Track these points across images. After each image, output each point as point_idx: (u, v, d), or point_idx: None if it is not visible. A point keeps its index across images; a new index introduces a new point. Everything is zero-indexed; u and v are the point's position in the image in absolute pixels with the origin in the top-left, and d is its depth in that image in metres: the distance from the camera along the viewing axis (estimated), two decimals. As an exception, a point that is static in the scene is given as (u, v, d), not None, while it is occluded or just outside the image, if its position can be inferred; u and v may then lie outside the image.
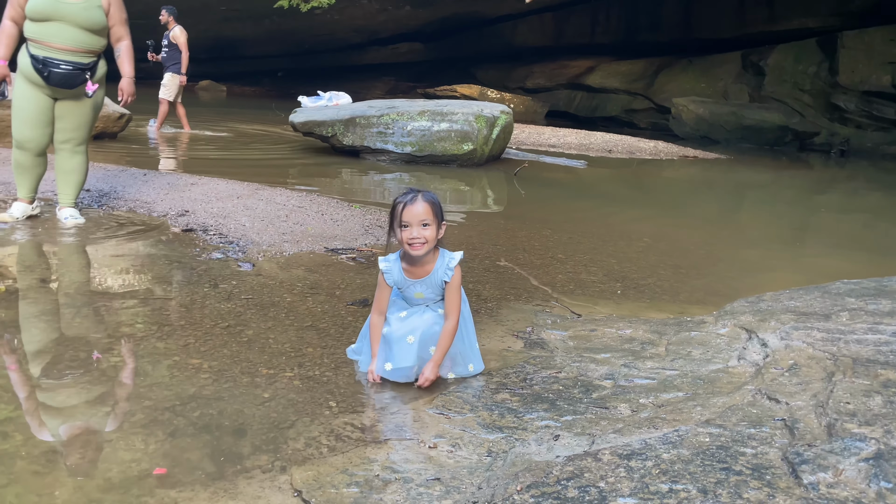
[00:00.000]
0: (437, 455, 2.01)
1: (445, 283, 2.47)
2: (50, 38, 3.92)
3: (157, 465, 1.88)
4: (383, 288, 2.53)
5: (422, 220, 2.39)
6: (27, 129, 4.07)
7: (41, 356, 2.51)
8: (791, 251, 5.55)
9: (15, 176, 4.23)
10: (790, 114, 16.42)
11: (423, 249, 2.41)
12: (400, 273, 2.50)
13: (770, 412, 1.92)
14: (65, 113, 4.14)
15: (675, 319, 3.19)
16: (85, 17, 3.97)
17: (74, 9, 3.94)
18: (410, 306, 2.55)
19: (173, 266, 3.64)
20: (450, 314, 2.48)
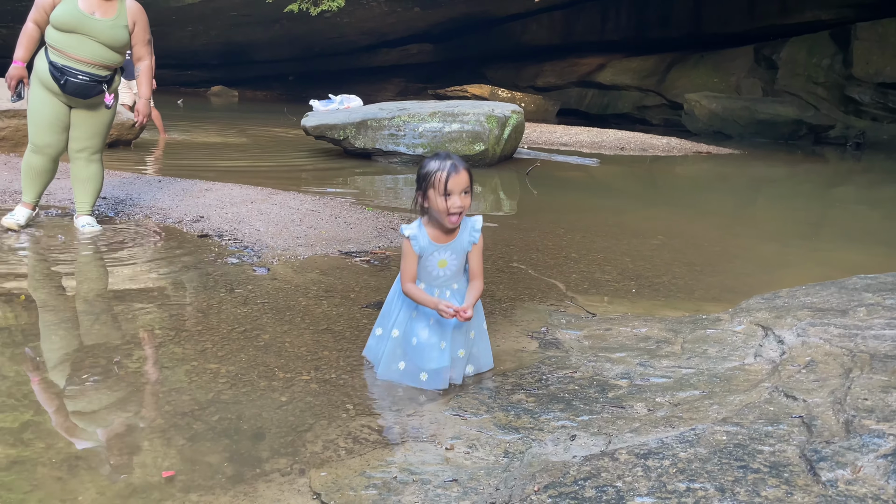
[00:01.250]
0: (455, 456, 2.02)
1: (473, 245, 2.47)
2: (71, 49, 3.95)
3: (177, 470, 1.90)
4: (410, 257, 2.46)
5: (464, 189, 2.37)
6: (44, 133, 4.13)
7: (61, 363, 2.55)
8: (807, 246, 5.51)
9: (24, 180, 4.26)
10: (804, 107, 16.28)
11: (460, 220, 2.41)
12: (426, 239, 2.46)
13: (787, 409, 1.91)
14: (80, 122, 4.18)
15: (690, 317, 3.18)
16: (109, 35, 4.02)
17: (101, 25, 3.98)
18: (428, 284, 2.50)
19: (189, 271, 3.67)
20: (476, 276, 2.50)
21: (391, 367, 2.54)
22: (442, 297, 2.48)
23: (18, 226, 4.19)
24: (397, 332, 2.53)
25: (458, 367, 2.53)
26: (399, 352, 2.53)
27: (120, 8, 4.07)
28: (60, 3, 3.95)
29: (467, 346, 2.53)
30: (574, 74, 21.32)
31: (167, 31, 17.21)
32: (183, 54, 19.55)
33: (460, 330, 2.48)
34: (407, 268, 2.48)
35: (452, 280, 2.51)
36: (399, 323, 2.54)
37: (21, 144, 7.02)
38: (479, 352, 2.60)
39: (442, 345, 2.47)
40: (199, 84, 22.26)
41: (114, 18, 4.04)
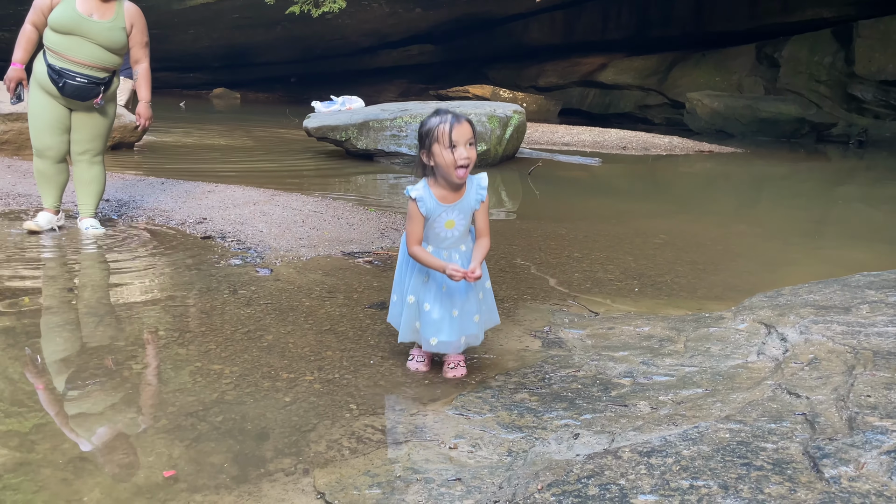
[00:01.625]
0: (458, 455, 2.02)
1: (481, 202, 2.45)
2: (69, 51, 3.97)
3: (182, 471, 1.91)
4: (416, 219, 2.43)
5: (468, 140, 2.35)
6: (46, 136, 4.14)
7: (65, 364, 2.56)
8: (810, 244, 5.51)
9: (38, 186, 4.30)
10: (807, 105, 16.25)
11: (468, 173, 2.38)
12: (433, 200, 2.43)
13: (790, 407, 1.91)
14: (80, 125, 4.20)
15: (693, 316, 3.18)
16: (107, 37, 4.03)
17: (98, 27, 3.99)
18: (436, 247, 2.48)
19: (193, 273, 3.68)
20: (483, 234, 2.49)
21: (409, 329, 2.55)
22: (451, 260, 2.45)
23: (39, 227, 4.21)
24: (412, 299, 2.52)
25: (472, 330, 2.53)
26: (414, 316, 2.54)
27: (118, 10, 4.08)
28: (58, 5, 3.96)
29: (480, 309, 2.54)
30: (576, 74, 21.32)
31: (169, 34, 17.24)
32: (185, 57, 19.59)
33: (472, 292, 2.49)
34: (413, 230, 2.45)
35: (460, 241, 2.49)
36: (413, 289, 2.52)
37: (24, 147, 7.04)
38: (487, 309, 2.60)
39: (454, 313, 2.48)
40: (201, 86, 22.29)
41: (112, 20, 4.04)
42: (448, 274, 2.38)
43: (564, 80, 21.51)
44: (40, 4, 3.98)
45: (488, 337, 3.00)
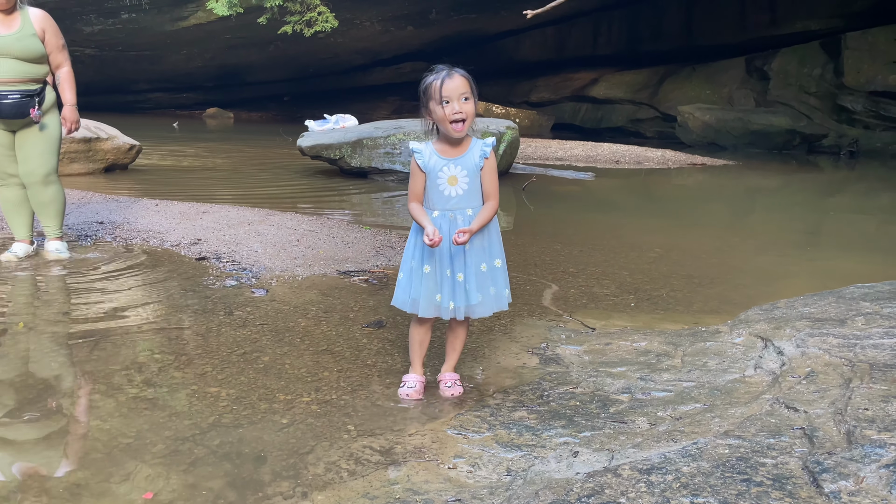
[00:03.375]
0: (457, 475, 2.01)
1: (485, 160, 2.40)
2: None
3: (179, 496, 1.90)
4: (416, 174, 2.43)
5: (462, 94, 2.33)
6: (3, 166, 4.09)
7: (63, 388, 2.54)
8: (804, 256, 5.53)
9: (9, 218, 4.20)
10: (797, 117, 16.38)
11: (465, 127, 2.36)
12: (433, 154, 2.42)
13: (789, 421, 1.91)
14: (25, 145, 4.07)
15: (689, 330, 3.19)
16: (20, 48, 3.91)
17: (7, 41, 3.89)
18: (441, 209, 2.42)
19: (188, 295, 3.67)
20: (488, 196, 2.42)
21: (429, 303, 2.45)
22: (454, 223, 2.40)
23: (17, 258, 4.14)
24: (429, 268, 2.45)
25: (471, 300, 2.42)
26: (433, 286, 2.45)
27: (23, 19, 3.96)
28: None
29: (482, 284, 2.43)
30: (567, 89, 21.44)
31: (162, 55, 17.31)
32: (178, 77, 19.64)
33: (465, 259, 2.40)
34: (413, 186, 2.45)
35: (467, 203, 2.42)
36: (427, 258, 2.44)
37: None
38: (492, 286, 2.47)
39: (447, 272, 2.41)
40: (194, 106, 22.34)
41: (19, 30, 3.93)
42: (426, 235, 2.32)
43: (556, 96, 21.64)
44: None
45: (485, 354, 3.00)
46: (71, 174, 7.39)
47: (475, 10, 18.78)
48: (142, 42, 16.20)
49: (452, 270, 2.43)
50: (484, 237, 2.44)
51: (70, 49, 4.33)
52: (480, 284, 2.44)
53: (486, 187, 2.44)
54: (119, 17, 15.14)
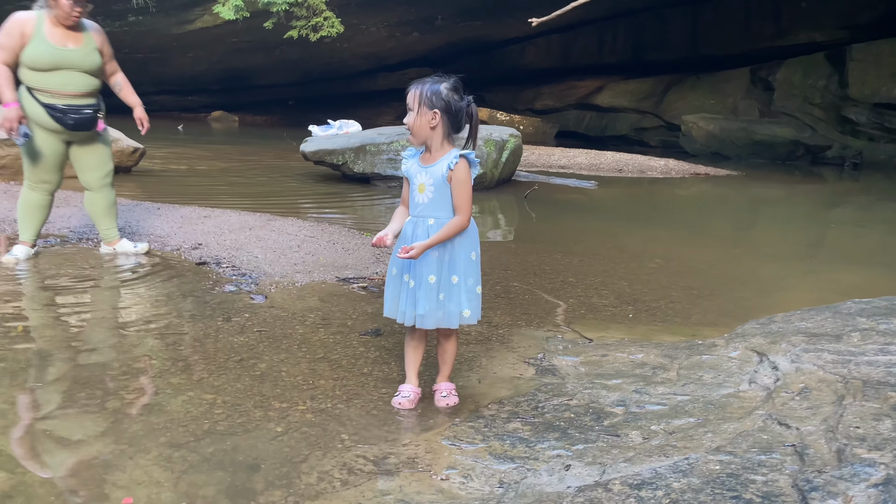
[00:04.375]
0: (450, 487, 2.02)
1: (450, 170, 2.43)
2: (61, 86, 3.98)
3: (174, 502, 1.90)
4: (405, 179, 2.57)
5: (407, 105, 2.45)
6: (45, 172, 4.14)
7: (57, 392, 2.55)
8: (805, 268, 5.52)
9: (22, 219, 4.24)
10: (801, 128, 16.38)
11: (414, 139, 2.48)
12: (415, 162, 2.52)
13: (780, 438, 1.92)
14: (85, 154, 4.23)
15: (686, 343, 3.19)
16: (88, 63, 4.06)
17: (77, 55, 4.01)
18: (412, 214, 2.51)
19: (187, 300, 3.68)
20: (457, 210, 2.46)
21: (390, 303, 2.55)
22: (415, 232, 2.48)
23: (17, 260, 4.18)
24: (395, 270, 2.54)
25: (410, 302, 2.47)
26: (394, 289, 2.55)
27: (86, 34, 4.09)
28: (30, 44, 3.91)
29: (415, 279, 2.46)
30: (572, 97, 21.47)
31: (167, 58, 17.37)
32: (183, 80, 19.71)
33: (417, 269, 2.46)
34: (402, 189, 2.59)
35: (430, 213, 2.47)
36: (395, 260, 2.53)
37: (21, 173, 7.06)
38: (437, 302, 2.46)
39: (405, 276, 2.49)
40: (199, 109, 22.42)
41: (85, 45, 4.06)
42: (374, 243, 2.47)
43: (561, 103, 21.66)
44: (10, 44, 3.90)
45: (481, 364, 3.01)
46: (74, 176, 7.42)
47: (481, 17, 18.82)
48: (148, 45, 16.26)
49: (409, 276, 2.49)
50: (445, 250, 2.47)
51: None
52: (426, 295, 2.46)
53: (454, 200, 2.47)
54: (126, 19, 15.21)
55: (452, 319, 2.50)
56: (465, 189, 2.45)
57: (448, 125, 2.47)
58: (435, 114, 2.43)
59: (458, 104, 2.46)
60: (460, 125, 2.50)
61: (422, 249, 2.40)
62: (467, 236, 2.51)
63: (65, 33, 4.00)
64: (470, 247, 2.52)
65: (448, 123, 2.47)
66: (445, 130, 2.47)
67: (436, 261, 2.46)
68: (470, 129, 2.53)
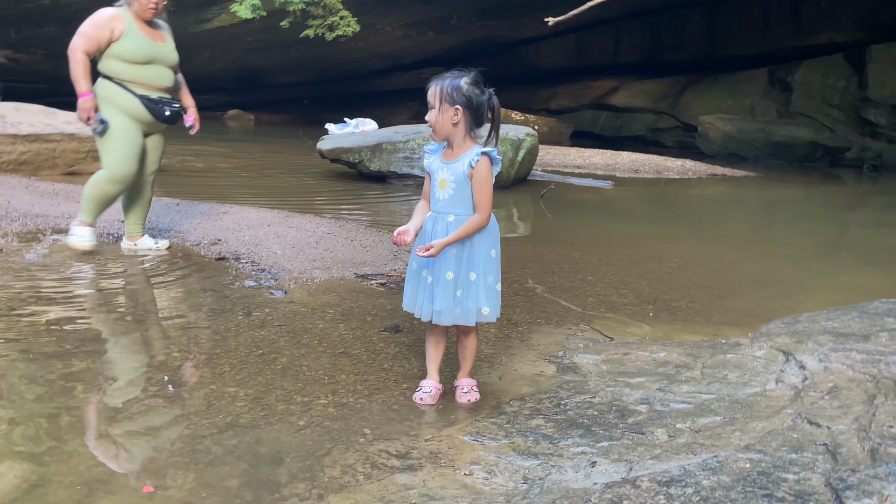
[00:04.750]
0: (473, 482, 2.00)
1: (471, 168, 2.42)
2: (156, 80, 4.11)
3: (197, 495, 1.90)
4: (426, 175, 2.58)
5: (428, 102, 2.44)
6: (133, 163, 4.18)
7: (77, 387, 2.56)
8: (825, 269, 5.46)
9: (93, 206, 4.23)
10: (820, 129, 16.21)
11: (436, 136, 2.47)
12: (438, 156, 2.53)
13: (811, 437, 1.89)
14: (153, 147, 4.35)
15: (709, 342, 3.15)
16: (173, 58, 4.22)
17: (166, 50, 4.17)
18: (433, 209, 2.51)
19: (207, 294, 3.69)
20: (477, 207, 2.45)
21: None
22: (435, 228, 2.47)
23: (93, 245, 4.26)
24: (415, 265, 2.54)
25: (427, 297, 2.47)
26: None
27: (166, 31, 4.25)
28: (124, 37, 4.01)
29: (445, 292, 2.44)
30: (587, 97, 21.38)
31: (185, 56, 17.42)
32: (200, 79, 19.79)
33: (436, 267, 2.46)
34: (424, 184, 2.60)
35: (450, 209, 2.47)
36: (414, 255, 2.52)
37: (41, 168, 7.13)
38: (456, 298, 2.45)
39: (424, 272, 2.49)
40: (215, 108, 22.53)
41: (168, 42, 4.23)
42: (395, 241, 2.47)
43: (576, 103, 21.58)
44: (97, 36, 3.97)
45: (502, 361, 2.99)
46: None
47: (496, 16, 18.78)
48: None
49: (428, 271, 2.49)
50: (464, 247, 2.46)
51: None
52: (444, 292, 2.45)
53: (474, 197, 2.46)
54: (144, 18, 15.34)
55: (469, 316, 2.49)
56: (485, 186, 2.45)
57: (470, 120, 2.46)
58: (457, 110, 2.42)
59: (479, 98, 2.46)
60: (482, 119, 2.50)
61: (440, 247, 2.40)
62: (487, 233, 2.50)
63: (150, 30, 4.13)
64: (490, 244, 2.52)
65: (470, 118, 2.46)
66: (468, 126, 2.47)
67: (454, 258, 2.45)
68: (492, 121, 2.51)
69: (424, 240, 2.50)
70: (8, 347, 2.83)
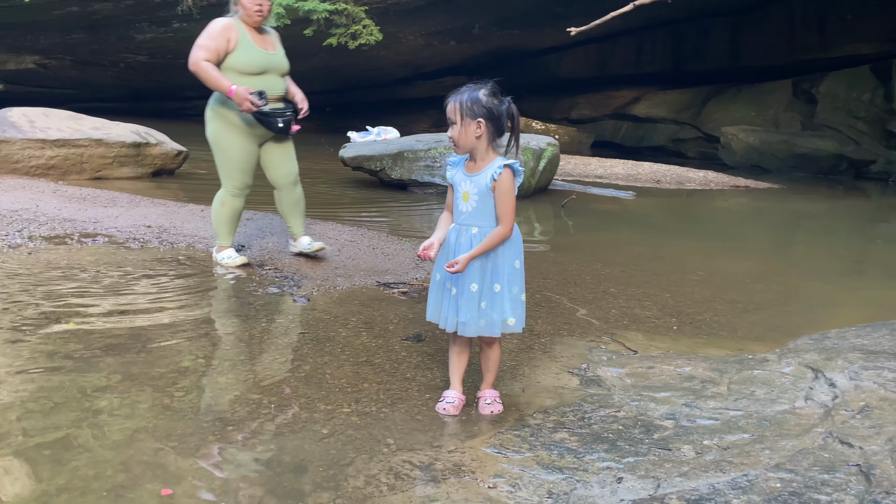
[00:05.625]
0: (497, 495, 1.99)
1: (494, 181, 2.43)
2: (271, 90, 4.06)
3: (221, 501, 1.91)
4: (449, 186, 2.59)
5: (449, 118, 2.45)
6: (247, 176, 4.28)
7: (107, 388, 2.58)
8: (851, 284, 5.38)
9: (223, 226, 4.32)
10: (845, 142, 16.02)
11: (459, 150, 2.47)
12: (460, 169, 2.53)
13: (843, 457, 1.85)
14: (276, 153, 4.32)
15: (735, 357, 3.12)
16: (284, 65, 4.20)
17: (277, 59, 4.16)
18: (456, 221, 2.51)
19: (231, 301, 3.72)
20: (500, 220, 2.46)
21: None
22: (459, 240, 2.48)
23: (243, 261, 4.32)
24: (439, 276, 2.54)
25: (452, 308, 2.48)
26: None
27: (274, 35, 4.25)
28: (238, 49, 4.01)
29: (458, 286, 2.46)
30: (609, 107, 21.31)
31: (210, 64, 17.67)
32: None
33: (461, 281, 2.46)
34: (447, 196, 2.61)
35: (473, 221, 2.48)
36: (439, 266, 2.54)
37: (69, 173, 7.23)
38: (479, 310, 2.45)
39: (447, 283, 2.49)
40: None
41: (279, 48, 4.22)
42: (420, 255, 2.47)
43: (597, 113, 21.52)
44: (215, 47, 3.98)
45: (524, 373, 2.98)
46: (120, 178, 7.57)
47: (518, 26, 18.79)
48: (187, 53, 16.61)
49: (452, 283, 2.49)
50: (488, 259, 2.46)
51: (122, 56, 4.54)
52: (468, 303, 2.46)
53: (497, 210, 2.47)
54: (170, 25, 15.50)
55: (495, 328, 2.49)
56: (508, 199, 2.45)
57: (492, 131, 2.47)
58: (479, 123, 2.43)
59: (499, 108, 2.47)
60: (503, 128, 2.51)
61: (465, 262, 2.41)
62: (511, 245, 2.50)
63: (262, 39, 4.13)
64: (514, 255, 2.52)
65: (492, 129, 2.47)
66: (490, 137, 2.47)
67: (478, 270, 2.45)
68: (511, 129, 2.51)
69: (448, 252, 2.50)
70: (34, 351, 2.87)
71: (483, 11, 17.82)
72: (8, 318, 3.18)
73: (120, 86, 16.79)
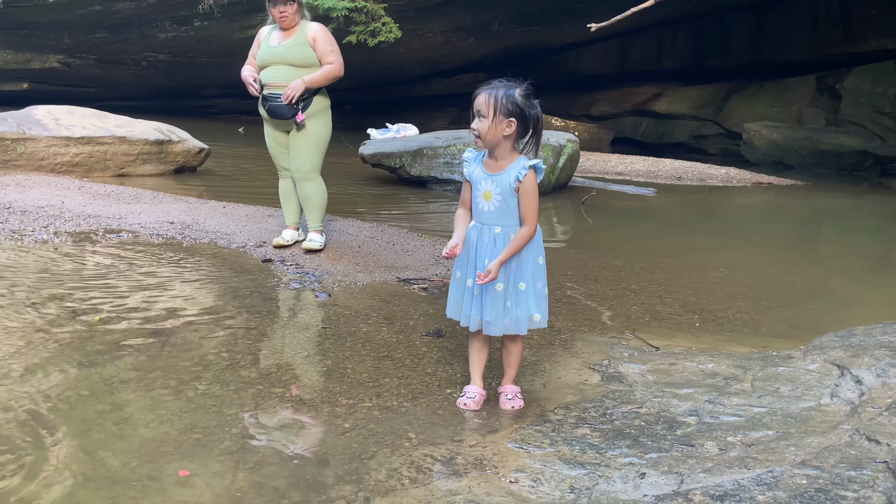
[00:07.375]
0: (519, 490, 1.99)
1: (518, 182, 2.41)
2: (270, 78, 4.43)
3: (246, 494, 1.93)
4: (465, 183, 2.56)
5: (477, 111, 2.41)
6: (276, 159, 4.70)
7: (132, 381, 2.62)
8: (876, 281, 5.30)
9: (283, 205, 4.80)
10: (870, 138, 15.78)
11: (482, 143, 2.43)
12: (479, 165, 2.51)
13: (870, 454, 1.83)
14: (294, 144, 4.59)
15: (759, 354, 3.09)
16: (291, 55, 4.40)
17: (281, 49, 4.42)
18: (476, 220, 2.50)
19: (253, 296, 3.75)
20: (524, 220, 2.45)
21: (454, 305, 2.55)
22: (481, 239, 2.47)
23: (286, 242, 4.67)
24: (459, 274, 2.55)
25: (476, 307, 2.48)
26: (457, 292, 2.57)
27: (300, 30, 4.45)
28: (262, 48, 4.50)
29: (496, 303, 2.45)
30: (629, 103, 21.17)
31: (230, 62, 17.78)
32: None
33: (481, 269, 2.44)
34: (463, 193, 2.58)
35: (496, 221, 2.46)
36: (459, 263, 2.55)
37: (94, 170, 7.33)
38: (506, 307, 2.46)
39: (469, 281, 2.49)
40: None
41: (293, 40, 4.43)
42: (445, 254, 2.46)
43: (617, 109, 21.38)
44: (252, 52, 4.63)
45: (545, 369, 2.97)
46: (143, 175, 7.66)
47: (538, 22, 18.72)
48: (212, 49, 16.69)
49: (474, 281, 2.48)
50: (512, 258, 2.45)
51: (144, 55, 4.72)
52: (493, 303, 2.46)
53: (521, 210, 2.45)
54: (192, 24, 15.64)
55: (521, 325, 2.49)
56: (532, 199, 2.45)
57: (520, 132, 2.46)
58: (511, 122, 2.42)
59: (530, 111, 2.45)
60: (528, 131, 2.49)
61: (498, 269, 2.40)
62: (533, 242, 2.51)
63: (282, 34, 4.45)
64: (537, 252, 2.52)
65: (520, 130, 2.46)
66: (515, 137, 2.46)
67: (503, 270, 2.45)
68: (534, 132, 2.49)
69: (469, 250, 2.50)
70: (60, 344, 2.91)
71: (502, 8, 17.77)
72: (35, 313, 3.23)
73: (142, 84, 16.97)
